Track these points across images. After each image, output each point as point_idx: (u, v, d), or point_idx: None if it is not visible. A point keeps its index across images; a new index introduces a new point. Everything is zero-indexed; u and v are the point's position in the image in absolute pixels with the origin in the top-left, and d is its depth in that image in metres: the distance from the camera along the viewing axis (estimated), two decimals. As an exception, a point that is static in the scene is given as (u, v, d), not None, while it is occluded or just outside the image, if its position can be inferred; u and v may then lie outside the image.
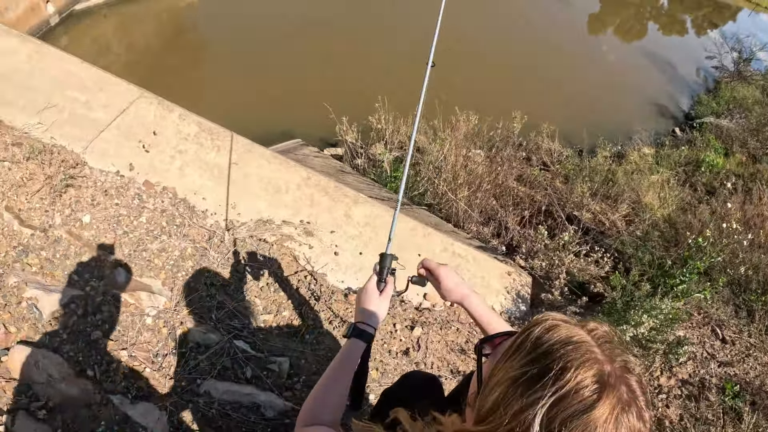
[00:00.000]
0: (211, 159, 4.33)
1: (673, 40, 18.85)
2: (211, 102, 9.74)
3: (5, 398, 2.74)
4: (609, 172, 8.77)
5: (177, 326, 3.16)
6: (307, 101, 9.61)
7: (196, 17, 13.01)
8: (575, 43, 15.83)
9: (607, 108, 12.90)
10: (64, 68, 4.84)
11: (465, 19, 13.86)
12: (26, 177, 3.84)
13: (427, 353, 3.77)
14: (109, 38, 11.83)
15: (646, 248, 6.17)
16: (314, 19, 12.62)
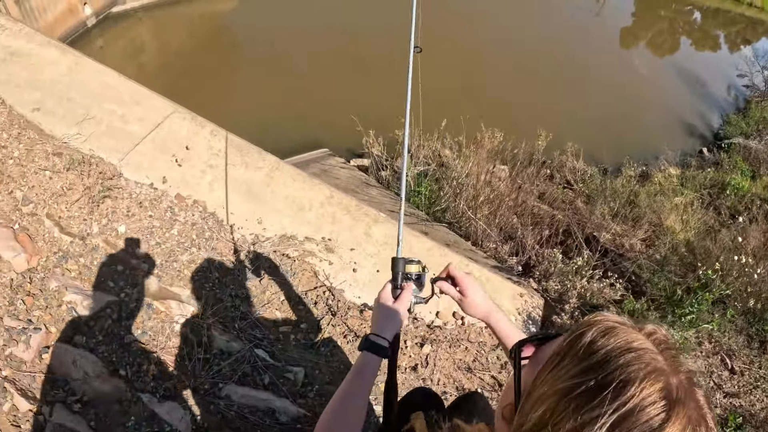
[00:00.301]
0: (240, 175, 4.64)
1: (705, 55, 18.84)
2: (240, 106, 10.16)
3: (45, 391, 3.06)
4: (631, 194, 8.88)
5: (203, 334, 3.47)
6: (336, 111, 9.92)
7: (229, 23, 13.45)
8: (606, 57, 15.94)
9: (635, 125, 12.96)
10: (101, 81, 5.22)
11: (493, 33, 14.11)
12: (66, 187, 4.19)
13: (435, 370, 4.02)
14: (144, 40, 12.33)
15: (662, 273, 6.32)
16: (347, 30, 12.94)
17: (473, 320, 4.67)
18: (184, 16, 12.92)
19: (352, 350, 3.85)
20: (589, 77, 14.06)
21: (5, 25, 5.54)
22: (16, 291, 3.47)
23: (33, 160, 4.31)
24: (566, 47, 15.11)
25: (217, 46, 12.26)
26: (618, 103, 13.38)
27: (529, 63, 13.64)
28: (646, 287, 6.37)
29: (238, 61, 11.91)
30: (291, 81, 11.01)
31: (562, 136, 10.02)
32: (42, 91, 4.92)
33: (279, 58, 11.67)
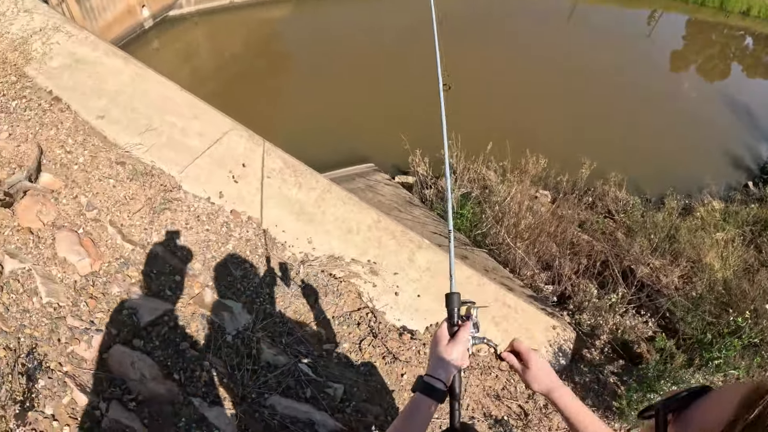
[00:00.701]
0: (293, 195, 4.94)
1: (755, 83, 18.69)
2: (289, 113, 10.54)
3: (103, 388, 3.38)
4: (672, 228, 8.94)
5: (252, 346, 3.77)
6: (383, 126, 10.25)
7: (283, 30, 13.88)
8: (655, 82, 15.94)
9: (681, 154, 13.01)
10: (163, 93, 5.54)
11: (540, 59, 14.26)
12: (128, 196, 4.53)
13: (465, 395, 4.26)
14: (199, 44, 12.84)
15: (696, 313, 6.42)
16: (398, 46, 13.25)
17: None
18: (237, 23, 13.40)
19: (390, 371, 4.11)
20: (637, 104, 14.11)
21: (71, 32, 5.87)
22: (79, 293, 3.81)
23: (97, 168, 4.64)
24: (615, 72, 15.18)
25: (270, 53, 12.71)
26: (665, 131, 13.43)
27: (576, 89, 13.76)
28: (680, 325, 6.48)
29: (289, 68, 12.32)
30: (339, 93, 11.35)
31: (607, 164, 10.15)
32: (106, 100, 5.25)
33: (328, 69, 12.05)
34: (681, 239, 8.61)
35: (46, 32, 5.79)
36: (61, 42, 5.70)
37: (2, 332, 3.40)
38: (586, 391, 5.16)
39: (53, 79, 5.30)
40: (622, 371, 5.37)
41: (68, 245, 4.03)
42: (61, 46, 5.65)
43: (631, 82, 14.96)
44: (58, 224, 4.15)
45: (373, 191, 8.19)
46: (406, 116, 10.83)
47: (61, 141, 4.77)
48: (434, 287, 4.91)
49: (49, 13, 6.06)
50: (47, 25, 5.85)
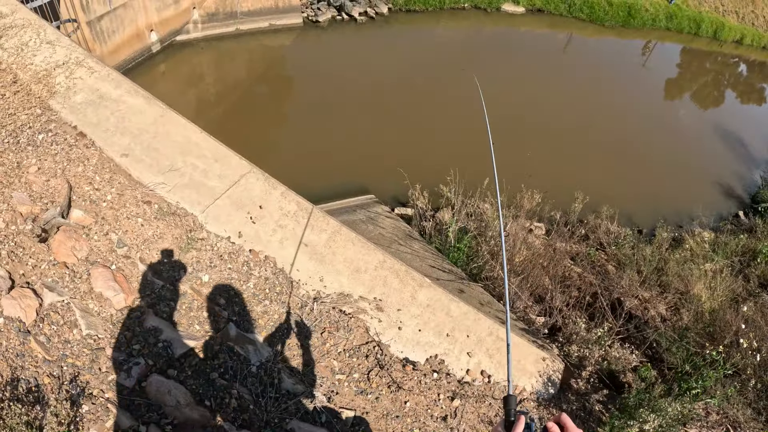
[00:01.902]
0: (306, 236, 5.56)
1: (749, 110, 19.45)
2: (291, 142, 11.14)
3: (142, 413, 3.96)
4: (660, 261, 9.55)
5: (274, 376, 4.38)
6: (384, 158, 10.89)
7: (285, 59, 14.55)
8: (649, 112, 16.64)
9: (673, 184, 13.63)
10: (185, 135, 6.05)
11: (533, 91, 14.94)
12: (156, 235, 5.10)
13: (462, 421, 4.88)
14: (204, 70, 13.51)
15: (681, 344, 7.02)
16: (401, 80, 13.94)
17: (498, 379, 5.53)
18: (242, 49, 14.07)
19: (394, 399, 4.74)
20: (631, 134, 14.78)
21: (93, 68, 6.34)
22: (116, 326, 4.38)
23: (124, 206, 5.18)
24: (609, 104, 15.88)
25: (273, 81, 13.36)
26: (658, 162, 14.09)
27: (569, 122, 14.39)
28: (665, 355, 7.08)
29: (291, 96, 12.95)
30: (340, 123, 11.98)
31: (600, 197, 10.78)
32: (129, 138, 5.75)
33: (330, 99, 12.68)
34: (669, 272, 9.20)
35: (69, 66, 6.25)
36: (84, 77, 6.17)
37: (46, 361, 3.95)
38: (573, 419, 5.74)
39: (77, 114, 5.76)
40: (606, 399, 6.00)
41: (104, 281, 4.57)
42: (84, 81, 6.12)
43: (624, 113, 15.66)
44: (92, 260, 4.69)
45: (373, 223, 8.80)
46: (406, 149, 11.48)
47: (89, 178, 5.29)
48: (433, 322, 5.54)
49: (71, 46, 6.51)
50: (70, 59, 6.31)
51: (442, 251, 8.37)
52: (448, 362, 5.42)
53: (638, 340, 7.55)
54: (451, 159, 10.26)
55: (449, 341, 5.55)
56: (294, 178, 9.61)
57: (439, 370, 5.26)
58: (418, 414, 4.77)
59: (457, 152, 11.54)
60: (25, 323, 4.02)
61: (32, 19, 6.65)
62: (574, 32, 19.95)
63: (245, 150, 9.90)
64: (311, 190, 9.41)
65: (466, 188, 9.48)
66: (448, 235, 8.45)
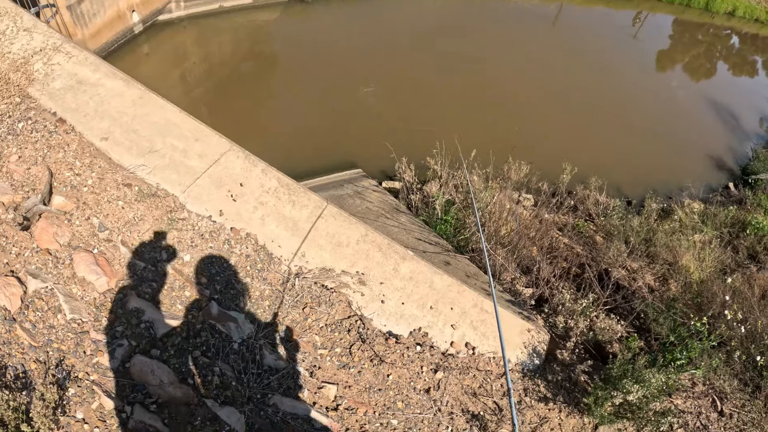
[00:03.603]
0: (287, 212, 5.59)
1: (741, 82, 19.40)
2: (278, 119, 11.13)
3: (126, 393, 4.01)
4: (649, 231, 9.58)
5: (256, 353, 4.43)
6: (371, 132, 10.91)
7: (270, 35, 14.45)
8: (640, 84, 16.60)
9: (664, 155, 13.61)
10: (164, 116, 6.04)
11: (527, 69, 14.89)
12: (137, 217, 5.11)
13: (445, 393, 4.95)
14: (188, 49, 13.40)
15: (668, 314, 7.07)
16: (384, 52, 13.89)
17: (483, 350, 5.60)
18: (227, 26, 13.96)
19: (377, 372, 4.80)
20: (621, 106, 14.76)
21: (71, 53, 6.28)
22: (99, 309, 4.42)
23: (105, 189, 5.20)
24: (599, 76, 15.84)
25: (258, 58, 13.27)
26: (649, 133, 14.06)
27: (559, 94, 14.36)
28: (652, 326, 7.13)
29: (277, 73, 12.89)
30: (327, 98, 11.94)
31: (589, 168, 10.79)
32: (109, 122, 5.73)
33: (316, 75, 12.63)
34: (657, 242, 9.23)
35: (46, 52, 6.20)
36: (62, 63, 6.13)
37: (32, 347, 3.99)
38: (558, 389, 5.84)
39: (56, 100, 5.75)
40: (592, 370, 6.06)
41: (86, 265, 4.61)
42: (62, 67, 6.08)
43: (615, 84, 15.63)
44: (74, 245, 4.72)
45: (361, 197, 8.82)
46: (393, 122, 11.47)
47: (69, 163, 5.29)
48: (417, 295, 5.59)
49: (48, 32, 6.45)
50: (47, 45, 6.25)
51: (429, 224, 8.41)
52: (431, 335, 5.48)
53: (625, 311, 7.59)
54: (439, 131, 10.27)
55: (433, 314, 5.60)
56: (282, 154, 9.71)
57: (423, 343, 5.32)
58: (400, 387, 4.83)
59: (444, 125, 11.55)
60: (10, 311, 4.08)
61: (9, 8, 6.58)
62: (564, 2, 19.80)
63: (232, 128, 9.92)
64: (299, 166, 9.53)
65: (453, 161, 9.48)
66: (435, 208, 8.48)
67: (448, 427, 4.80)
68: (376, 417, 4.55)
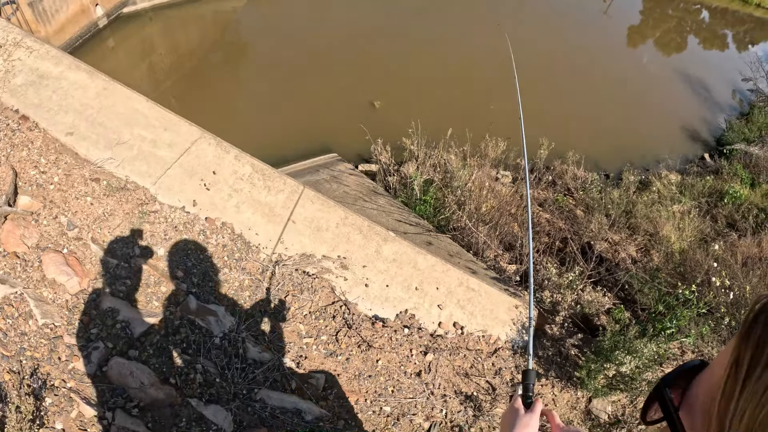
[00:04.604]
0: (263, 198, 5.38)
1: (711, 56, 19.51)
2: (250, 108, 10.90)
3: (106, 399, 3.80)
4: (628, 203, 9.54)
5: (239, 346, 4.24)
6: (345, 115, 10.72)
7: (238, 22, 14.16)
8: (612, 59, 16.58)
9: (639, 129, 13.62)
10: (131, 106, 5.81)
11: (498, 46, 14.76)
12: (107, 212, 4.88)
13: (437, 375, 4.80)
14: (155, 40, 13.07)
15: (653, 284, 7.01)
16: (355, 35, 13.66)
17: (472, 329, 5.46)
18: (193, 16, 13.64)
19: (365, 359, 4.62)
20: (594, 82, 14.71)
21: (32, 47, 6.02)
22: (72, 311, 4.19)
23: (73, 186, 4.96)
24: (571, 51, 15.77)
25: (227, 46, 13.00)
26: (623, 108, 14.05)
27: (530, 69, 14.25)
28: (637, 296, 7.08)
29: (247, 61, 12.64)
30: (299, 84, 11.72)
31: (565, 143, 10.69)
32: (74, 115, 5.49)
33: (287, 61, 12.38)
34: (637, 214, 9.21)
35: (6, 48, 5.95)
36: (23, 58, 5.88)
37: (4, 357, 3.76)
38: (549, 364, 5.73)
39: (18, 96, 5.50)
40: (582, 343, 5.97)
41: (56, 266, 4.37)
42: (23, 62, 5.83)
43: (587, 60, 15.56)
44: (42, 246, 4.48)
45: (337, 182, 8.63)
46: (367, 105, 11.29)
47: (34, 161, 5.05)
48: (401, 276, 5.42)
49: (8, 27, 6.20)
50: (7, 41, 6.00)
51: (409, 205, 8.25)
52: (418, 316, 5.32)
53: (610, 283, 7.53)
54: (413, 111, 10.12)
55: (419, 295, 5.44)
56: (256, 142, 9.46)
57: (410, 325, 5.16)
58: (391, 372, 4.67)
59: (418, 104, 11.40)
60: (-21, 321, 3.86)
61: (-34, 7, 6.30)
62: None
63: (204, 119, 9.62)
64: (274, 153, 9.30)
65: (429, 140, 9.33)
66: (414, 188, 8.32)
67: (442, 410, 4.65)
68: (368, 405, 4.39)
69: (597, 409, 5.61)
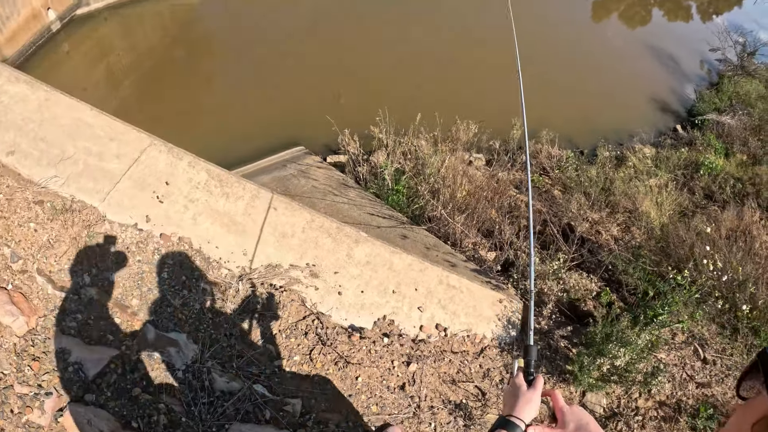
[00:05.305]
0: (221, 207, 4.97)
1: (677, 28, 19.35)
2: (215, 104, 10.44)
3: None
4: (606, 181, 9.32)
5: (204, 378, 3.85)
6: (311, 107, 10.31)
7: (198, 17, 13.63)
8: (577, 34, 16.33)
9: (609, 104, 13.41)
10: (74, 117, 5.33)
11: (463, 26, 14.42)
12: (52, 239, 4.41)
13: (422, 386, 4.46)
14: (111, 41, 12.49)
15: (637, 264, 6.78)
16: (318, 24, 13.23)
17: (455, 330, 5.14)
18: (150, 13, 13.08)
19: (344, 376, 4.26)
20: (561, 58, 14.43)
21: None
22: (21, 356, 3.74)
23: (15, 211, 4.47)
24: (535, 28, 15.44)
25: (187, 42, 12.49)
26: (592, 83, 13.80)
27: (496, 49, 13.92)
28: (622, 277, 6.83)
29: (209, 56, 12.16)
30: (262, 77, 11.29)
31: (538, 122, 10.41)
32: (15, 132, 5.03)
33: (249, 54, 11.92)
34: (616, 191, 8.99)
35: None
36: None
37: (-51, 414, 3.35)
38: (539, 359, 5.44)
39: None
40: (571, 334, 5.69)
41: (0, 306, 3.94)
42: None
43: (554, 37, 15.26)
44: (-17, 283, 4.05)
45: (305, 176, 8.25)
46: (333, 94, 10.92)
47: (-29, 187, 4.56)
48: (376, 280, 5.07)
49: None
50: None
51: (380, 196, 7.88)
52: (398, 321, 4.98)
53: (593, 265, 7.29)
54: (379, 98, 9.73)
55: (396, 298, 5.10)
56: (221, 139, 9.13)
57: (390, 333, 4.81)
58: (372, 388, 4.31)
59: (384, 91, 11.00)
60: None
61: None
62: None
63: (167, 118, 9.32)
64: (239, 151, 8.94)
65: (398, 127, 8.98)
66: (385, 178, 7.95)
67: (430, 423, 4.32)
68: (350, 427, 4.03)
69: (592, 403, 5.34)
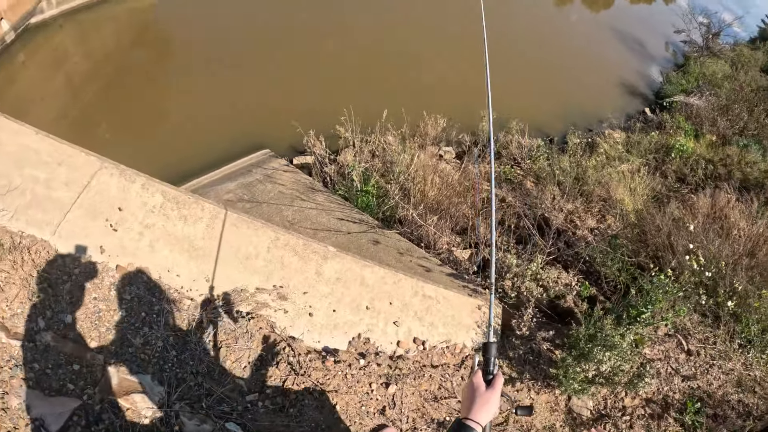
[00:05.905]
0: (179, 231, 4.68)
1: (640, 11, 19.40)
2: (176, 111, 10.18)
3: None
4: (579, 170, 9.23)
5: (173, 423, 3.59)
6: (274, 108, 10.10)
7: (155, 18, 13.30)
8: (541, 20, 16.24)
9: (577, 89, 13.38)
10: (19, 142, 4.86)
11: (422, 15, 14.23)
12: (2, 281, 4.02)
13: (403, 408, 4.27)
14: (68, 48, 12.10)
15: (615, 255, 6.67)
16: (279, 26, 12.96)
17: (434, 342, 4.96)
18: (106, 18, 12.71)
19: (320, 406, 4.05)
20: (524, 46, 14.32)
21: None
22: (-20, 419, 3.46)
23: (-37, 256, 4.16)
24: (496, 16, 15.29)
25: (146, 46, 12.20)
26: (558, 69, 13.76)
27: (456, 39, 13.74)
28: (601, 269, 6.73)
29: (171, 60, 11.87)
30: (224, 80, 11.04)
31: (507, 111, 10.27)
32: None
33: (209, 56, 11.64)
34: (589, 180, 8.92)
35: None
36: None
37: None
38: (523, 365, 5.29)
39: None
40: (554, 336, 5.55)
41: (-48, 362, 3.64)
42: None
43: (514, 27, 15.12)
44: (-70, 335, 3.75)
45: (272, 181, 8.01)
46: (296, 96, 10.71)
47: None
48: (348, 297, 4.87)
49: None
50: None
51: (350, 199, 7.68)
52: (374, 339, 4.79)
53: (570, 257, 7.18)
54: (344, 97, 9.52)
55: (371, 314, 4.90)
56: (184, 146, 8.89)
57: (366, 352, 4.62)
58: (351, 416, 4.11)
59: (347, 90, 10.80)
60: None
61: None
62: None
63: (129, 126, 9.11)
64: (203, 157, 8.70)
65: (365, 125, 8.78)
66: (353, 179, 7.74)
67: (413, 446, 4.14)
68: (328, 459, 3.83)
69: (578, 407, 5.21)
